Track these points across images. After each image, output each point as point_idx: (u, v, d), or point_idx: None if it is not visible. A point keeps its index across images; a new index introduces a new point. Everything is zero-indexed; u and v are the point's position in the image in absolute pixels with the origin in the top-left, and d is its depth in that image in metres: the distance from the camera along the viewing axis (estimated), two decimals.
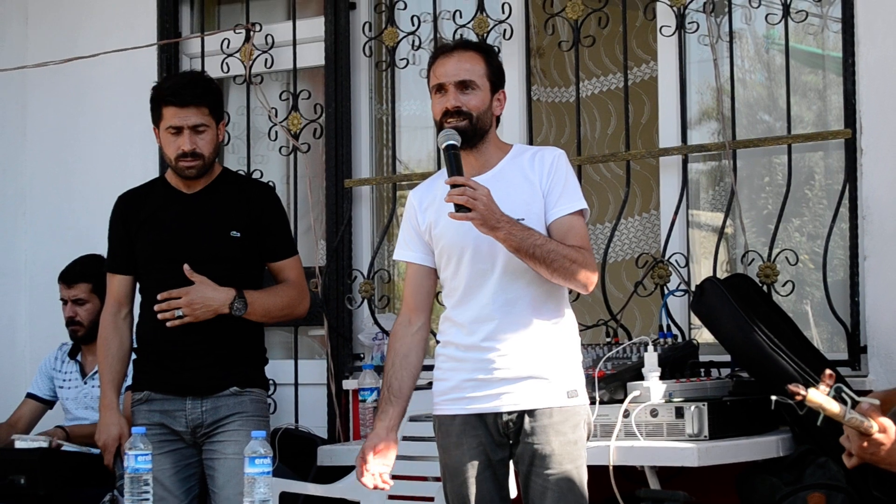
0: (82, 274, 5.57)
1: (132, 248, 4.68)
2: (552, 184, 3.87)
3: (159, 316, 4.49)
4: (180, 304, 4.47)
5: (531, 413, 3.82)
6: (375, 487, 3.93)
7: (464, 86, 3.91)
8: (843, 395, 2.95)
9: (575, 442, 3.83)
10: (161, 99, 4.60)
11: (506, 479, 3.94)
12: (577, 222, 3.86)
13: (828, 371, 2.97)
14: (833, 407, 2.92)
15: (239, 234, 4.59)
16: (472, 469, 3.89)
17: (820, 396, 2.90)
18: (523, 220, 3.78)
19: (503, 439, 3.88)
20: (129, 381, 5.25)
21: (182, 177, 4.63)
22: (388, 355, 4.03)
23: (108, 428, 4.68)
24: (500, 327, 3.83)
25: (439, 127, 3.92)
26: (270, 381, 5.13)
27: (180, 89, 4.59)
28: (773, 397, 3.03)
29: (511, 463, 3.93)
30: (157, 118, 4.62)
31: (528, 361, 3.82)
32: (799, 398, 2.88)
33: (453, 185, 3.69)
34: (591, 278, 3.81)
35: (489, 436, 3.88)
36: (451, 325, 3.95)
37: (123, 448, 4.62)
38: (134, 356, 4.74)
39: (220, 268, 4.55)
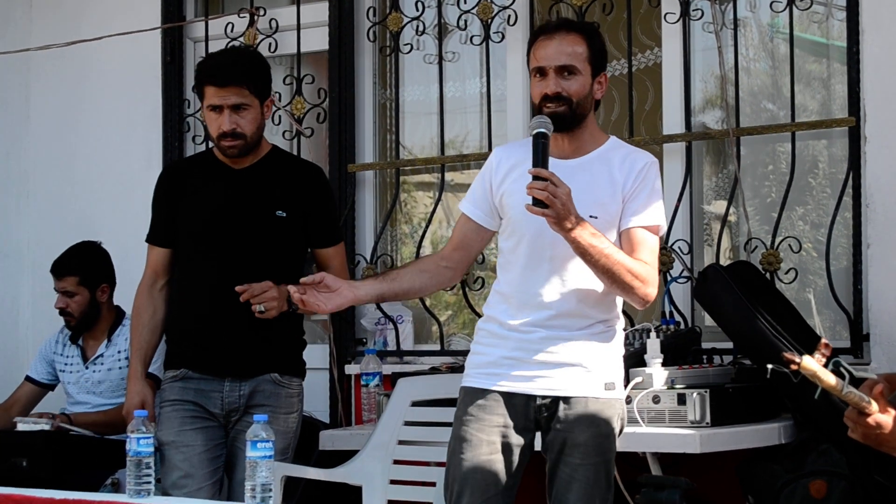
0: (69, 267, 5.52)
1: (174, 220, 4.61)
2: (636, 191, 3.77)
3: (242, 298, 4.32)
4: (265, 298, 4.32)
5: (566, 400, 3.76)
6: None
7: (565, 70, 3.79)
8: (842, 369, 2.93)
9: (607, 435, 3.77)
10: (201, 77, 4.51)
11: (519, 467, 3.81)
12: (650, 237, 3.77)
13: (823, 340, 2.95)
14: (829, 378, 2.90)
15: (284, 215, 4.51)
16: (486, 447, 3.78)
17: (814, 364, 2.88)
18: (596, 217, 3.70)
19: (529, 424, 3.80)
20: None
21: (225, 155, 4.55)
22: (412, 262, 4.07)
23: (131, 397, 4.63)
24: (549, 314, 3.76)
25: (537, 111, 3.79)
26: None
27: (219, 69, 4.49)
28: (769, 366, 3.01)
29: (529, 453, 3.83)
30: (200, 95, 4.54)
31: (570, 349, 3.76)
32: (794, 367, 2.87)
33: (536, 177, 3.57)
34: (649, 296, 3.72)
35: (515, 418, 3.79)
36: (501, 299, 3.86)
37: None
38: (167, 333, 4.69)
39: (262, 248, 4.48)
